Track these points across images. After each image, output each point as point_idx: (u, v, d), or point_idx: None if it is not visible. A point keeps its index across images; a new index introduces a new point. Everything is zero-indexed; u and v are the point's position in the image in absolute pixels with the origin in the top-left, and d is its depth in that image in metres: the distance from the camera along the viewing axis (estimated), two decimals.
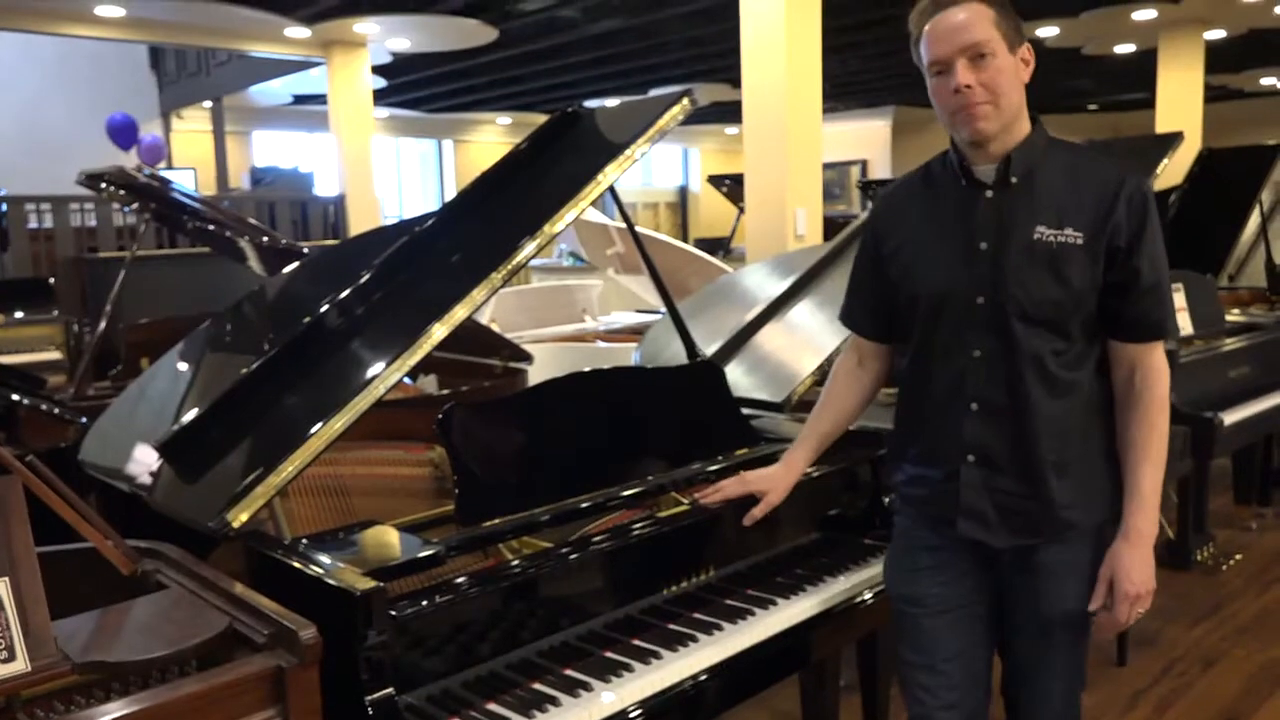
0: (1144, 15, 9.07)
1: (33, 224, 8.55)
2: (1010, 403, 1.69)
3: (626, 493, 1.98)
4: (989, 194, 1.71)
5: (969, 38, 1.62)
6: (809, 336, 2.90)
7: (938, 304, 1.74)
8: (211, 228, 4.32)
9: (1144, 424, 1.69)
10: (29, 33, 8.89)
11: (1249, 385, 4.06)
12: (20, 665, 1.28)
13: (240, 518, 1.65)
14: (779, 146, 5.17)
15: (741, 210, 10.12)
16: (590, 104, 2.49)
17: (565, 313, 6.76)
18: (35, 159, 10.32)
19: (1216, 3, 8.64)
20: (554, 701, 1.60)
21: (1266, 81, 13.91)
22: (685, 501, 2.02)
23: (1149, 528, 1.69)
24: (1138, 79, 11.96)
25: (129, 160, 9.38)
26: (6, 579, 1.31)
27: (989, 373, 1.70)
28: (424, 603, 1.57)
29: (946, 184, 1.77)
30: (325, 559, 1.60)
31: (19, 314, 6.75)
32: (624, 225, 2.88)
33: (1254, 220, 5.19)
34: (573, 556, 1.77)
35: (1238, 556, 4.20)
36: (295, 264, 2.95)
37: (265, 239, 4.32)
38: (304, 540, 1.73)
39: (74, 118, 11.22)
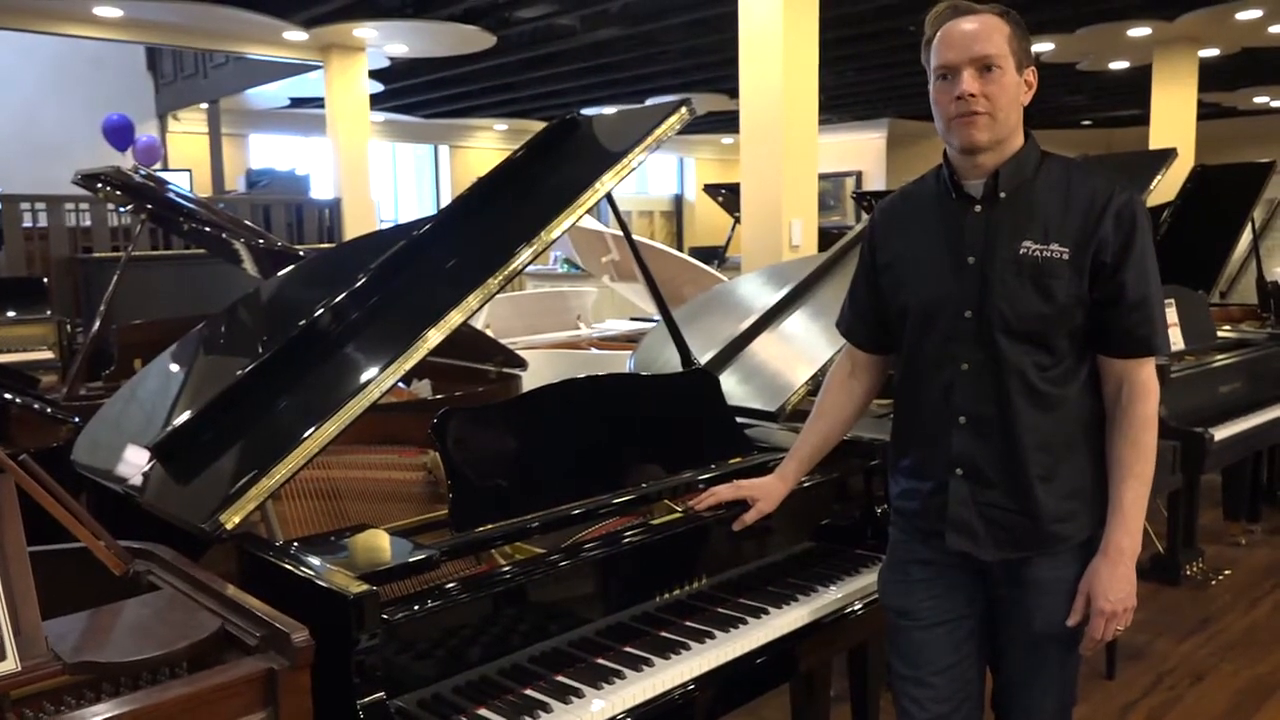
0: (1139, 32, 9.13)
1: (27, 223, 8.53)
2: (997, 416, 1.70)
3: (620, 499, 1.99)
4: (977, 208, 1.72)
5: (980, 49, 1.63)
6: (803, 346, 2.91)
7: (926, 316, 1.75)
8: (207, 229, 4.32)
9: (1128, 440, 1.69)
10: (27, 32, 8.87)
11: (1239, 401, 4.08)
12: (10, 664, 1.28)
13: (233, 519, 1.64)
14: (775, 157, 5.18)
15: (737, 220, 10.15)
16: (587, 112, 2.50)
17: (560, 319, 6.77)
18: (31, 158, 10.29)
19: (1211, 21, 8.70)
20: (545, 708, 1.60)
21: (1259, 100, 14.00)
22: (678, 509, 2.02)
23: (1129, 545, 1.69)
24: (1132, 95, 12.03)
25: (125, 161, 9.36)
26: None
27: (976, 386, 1.71)
28: (416, 607, 1.57)
29: (939, 197, 1.78)
30: (317, 562, 1.60)
31: (12, 313, 6.74)
32: (619, 233, 2.88)
33: (1246, 237, 5.21)
34: (565, 563, 1.77)
35: (1226, 572, 4.21)
36: (290, 266, 2.95)
37: (260, 241, 4.32)
38: (296, 543, 1.73)
39: (70, 118, 11.19)
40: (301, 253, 4.12)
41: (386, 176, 16.08)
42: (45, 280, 7.26)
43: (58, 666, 1.30)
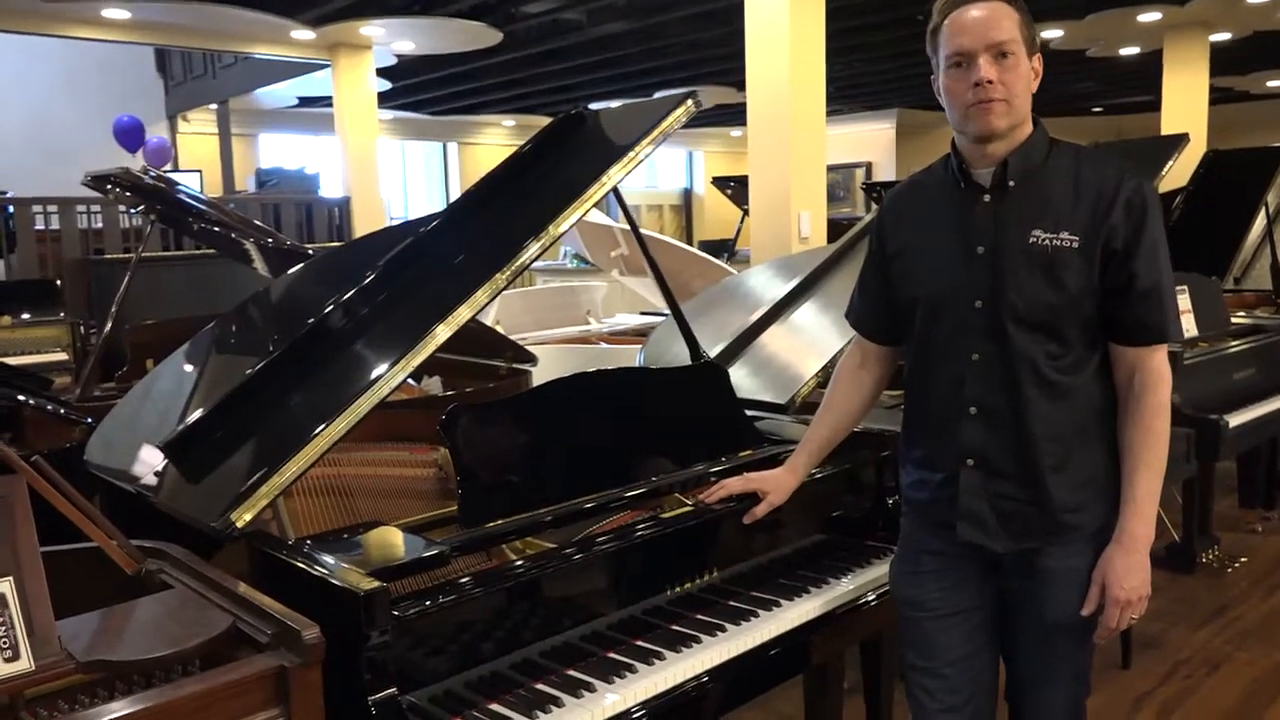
0: (1149, 17, 9.05)
1: (39, 225, 8.58)
2: (1008, 407, 1.69)
3: (630, 493, 1.99)
4: (986, 198, 1.71)
5: (996, 35, 1.62)
6: (813, 338, 2.90)
7: (936, 306, 1.74)
8: (217, 229, 4.34)
9: (1141, 428, 1.68)
10: (36, 35, 8.92)
11: (1254, 388, 4.05)
12: (24, 664, 1.28)
13: (244, 517, 1.65)
14: (783, 149, 5.17)
15: (746, 213, 10.12)
16: (595, 106, 2.49)
17: (569, 314, 6.77)
18: (42, 161, 10.36)
19: (1222, 5, 8.63)
20: (557, 702, 1.60)
21: (1272, 84, 13.87)
22: (689, 502, 2.02)
23: (1143, 532, 1.68)
24: (1143, 81, 11.93)
25: (135, 162, 9.40)
26: (11, 578, 1.31)
27: (987, 376, 1.70)
28: (427, 603, 1.57)
29: (947, 186, 1.77)
30: (328, 559, 1.60)
31: (25, 315, 6.78)
32: (628, 227, 2.88)
33: (1259, 223, 5.17)
34: (576, 557, 1.77)
35: (1242, 560, 4.19)
36: (300, 265, 2.95)
37: (270, 240, 4.33)
38: (308, 540, 1.73)
39: (81, 120, 11.24)
40: (311, 251, 4.13)
41: (396, 174, 16.10)
42: (58, 282, 7.30)
43: (71, 666, 1.31)
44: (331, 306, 2.05)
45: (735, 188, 11.60)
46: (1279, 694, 3.12)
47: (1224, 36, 9.72)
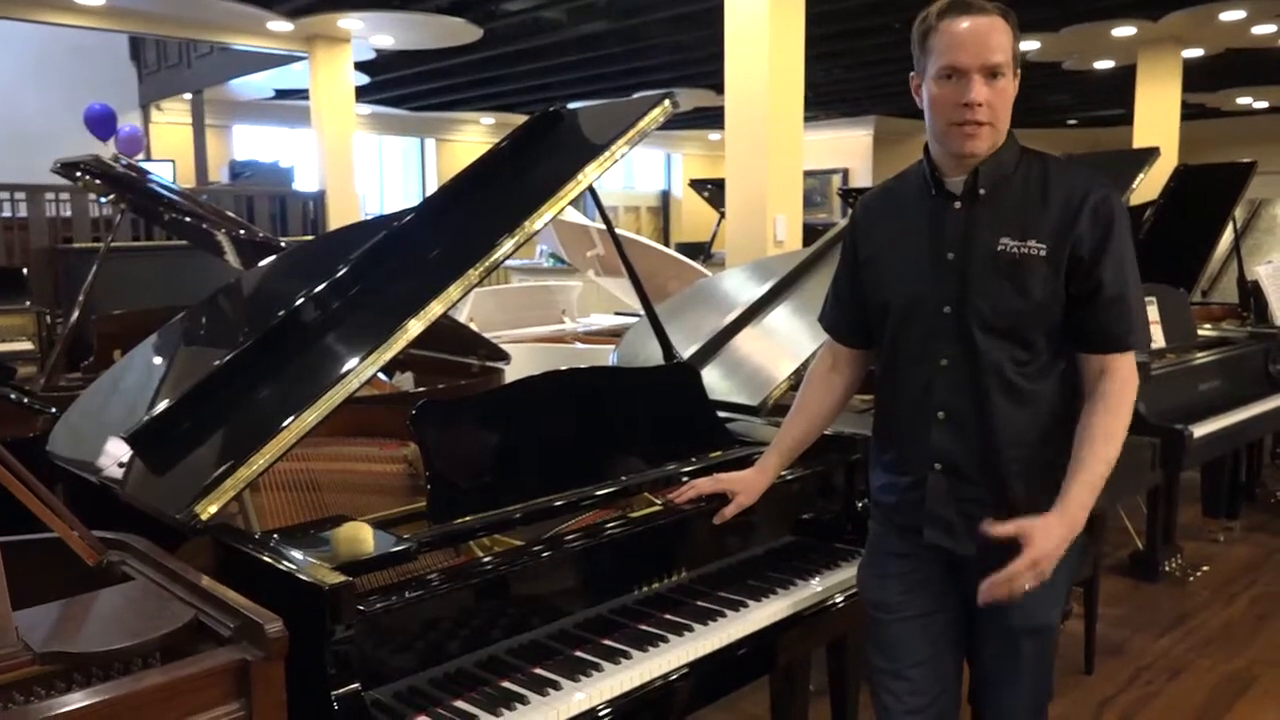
0: (1123, 32, 9.17)
1: (6, 213, 8.45)
2: (975, 412, 1.70)
3: (600, 492, 1.98)
4: (957, 205, 1.72)
5: (991, 56, 1.60)
6: (786, 341, 2.91)
7: (906, 312, 1.75)
8: (188, 220, 4.29)
9: (1106, 414, 1.66)
10: (7, 20, 8.78)
11: (1219, 399, 4.10)
12: None
13: (209, 510, 1.63)
14: (760, 153, 5.18)
15: (722, 215, 10.14)
16: (574, 106, 2.48)
17: (544, 313, 6.75)
18: (12, 148, 10.17)
19: (1194, 21, 8.75)
20: (522, 700, 1.59)
21: (1242, 101, 14.09)
22: (658, 502, 2.02)
23: (1082, 516, 1.63)
24: (1117, 95, 12.08)
25: (107, 151, 9.27)
26: None
27: (955, 382, 1.71)
28: (393, 598, 1.56)
29: (919, 193, 1.78)
30: (294, 553, 1.59)
31: None
32: (604, 227, 2.88)
33: (1227, 236, 5.24)
34: (544, 555, 1.77)
35: (1205, 568, 4.24)
36: (272, 257, 2.93)
37: (243, 233, 4.29)
38: (274, 534, 1.71)
39: (52, 107, 11.07)
40: (284, 245, 4.09)
41: (373, 169, 16.00)
42: (24, 271, 7.19)
43: (28, 657, 1.29)
44: (303, 299, 2.03)
45: (712, 190, 11.61)
46: (1237, 700, 3.16)
47: (1196, 53, 9.86)
